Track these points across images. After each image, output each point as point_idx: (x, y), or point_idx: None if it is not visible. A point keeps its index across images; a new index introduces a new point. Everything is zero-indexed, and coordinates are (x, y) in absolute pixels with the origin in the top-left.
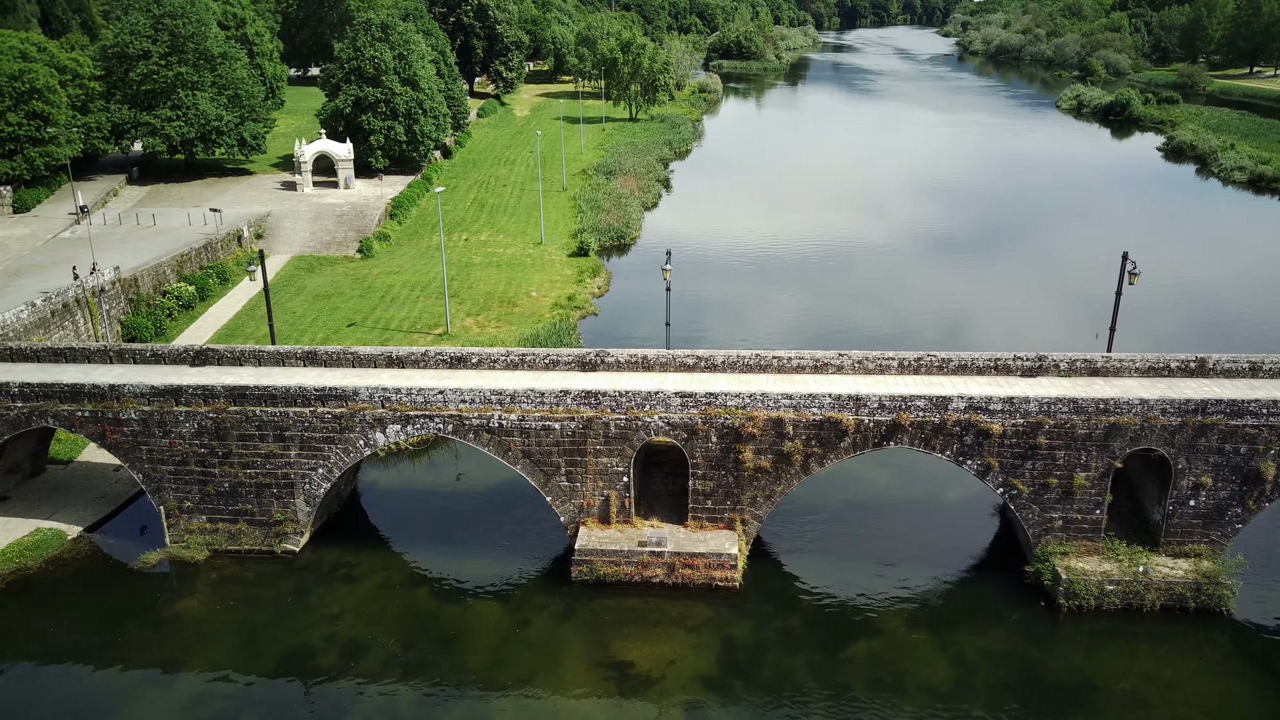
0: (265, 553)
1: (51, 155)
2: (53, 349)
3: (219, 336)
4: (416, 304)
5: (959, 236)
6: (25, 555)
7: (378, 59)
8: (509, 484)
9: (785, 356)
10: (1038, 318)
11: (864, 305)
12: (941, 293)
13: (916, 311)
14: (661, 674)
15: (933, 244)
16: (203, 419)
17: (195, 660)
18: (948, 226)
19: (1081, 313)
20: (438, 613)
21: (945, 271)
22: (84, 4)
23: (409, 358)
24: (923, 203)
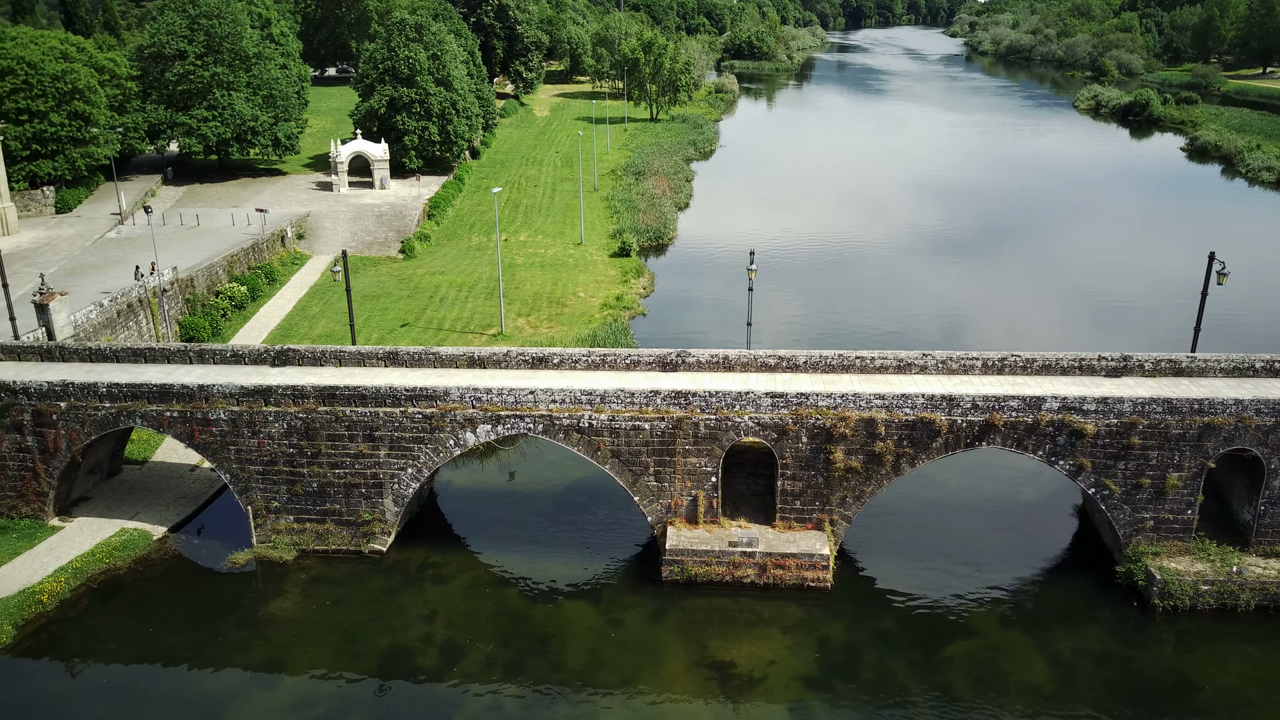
0: (352, 553)
1: (92, 155)
2: (132, 349)
3: (274, 336)
4: (466, 304)
5: (994, 238)
6: (114, 556)
7: (412, 59)
8: (581, 483)
9: (869, 356)
10: (1093, 318)
11: (906, 304)
12: (983, 293)
13: (960, 311)
14: (764, 674)
15: (969, 245)
16: (292, 419)
17: (296, 661)
18: (981, 228)
19: (1128, 313)
20: (530, 613)
21: (986, 272)
22: (107, 4)
23: (490, 358)
24: (954, 204)
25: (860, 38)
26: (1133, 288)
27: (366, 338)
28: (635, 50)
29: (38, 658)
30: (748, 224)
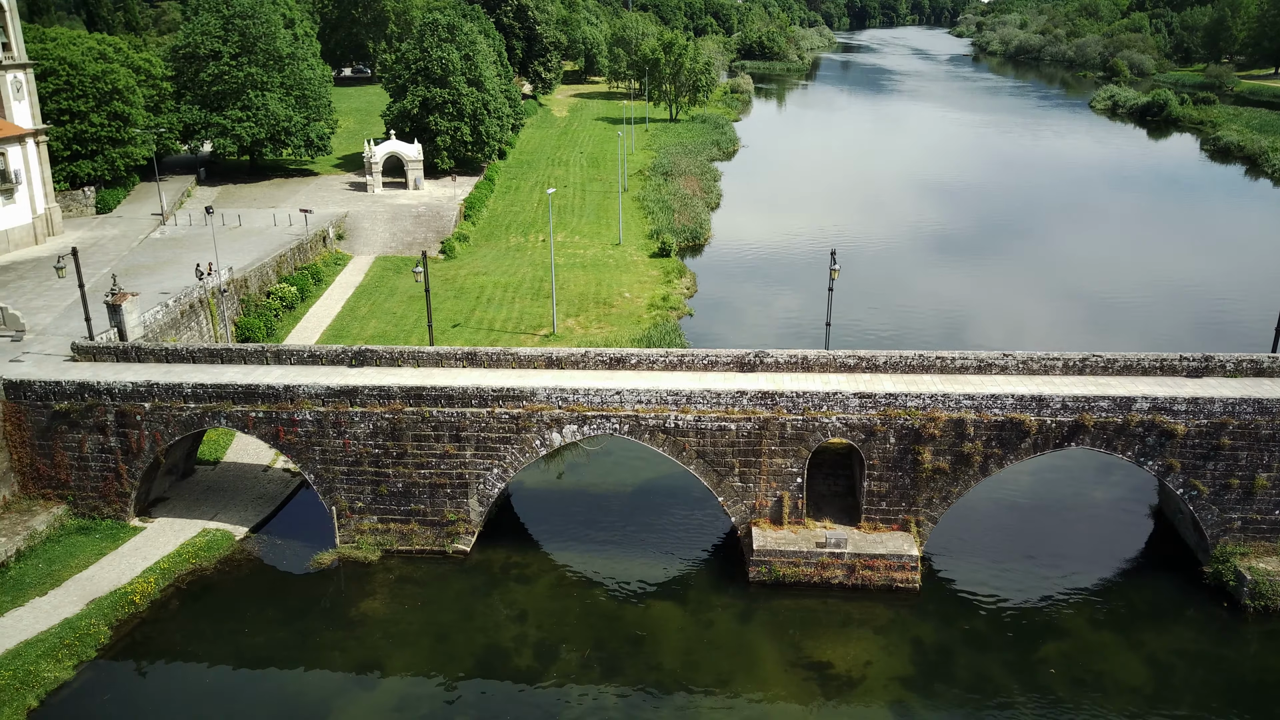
0: (436, 553)
1: (130, 156)
2: (209, 350)
3: (326, 337)
4: (514, 305)
5: (1027, 240)
6: (199, 556)
7: (445, 59)
8: (652, 483)
9: (949, 356)
10: (1140, 318)
11: (947, 302)
12: (1023, 292)
13: (1003, 311)
14: (862, 675)
15: (1003, 246)
16: (378, 419)
17: (392, 662)
18: (1014, 230)
19: (1188, 314)
20: (619, 613)
21: (1024, 272)
22: (127, 4)
23: (568, 358)
24: (984, 206)
25: (866, 38)
26: (1172, 289)
27: (420, 338)
28: (656, 50)
29: (137, 659)
30: (781, 224)
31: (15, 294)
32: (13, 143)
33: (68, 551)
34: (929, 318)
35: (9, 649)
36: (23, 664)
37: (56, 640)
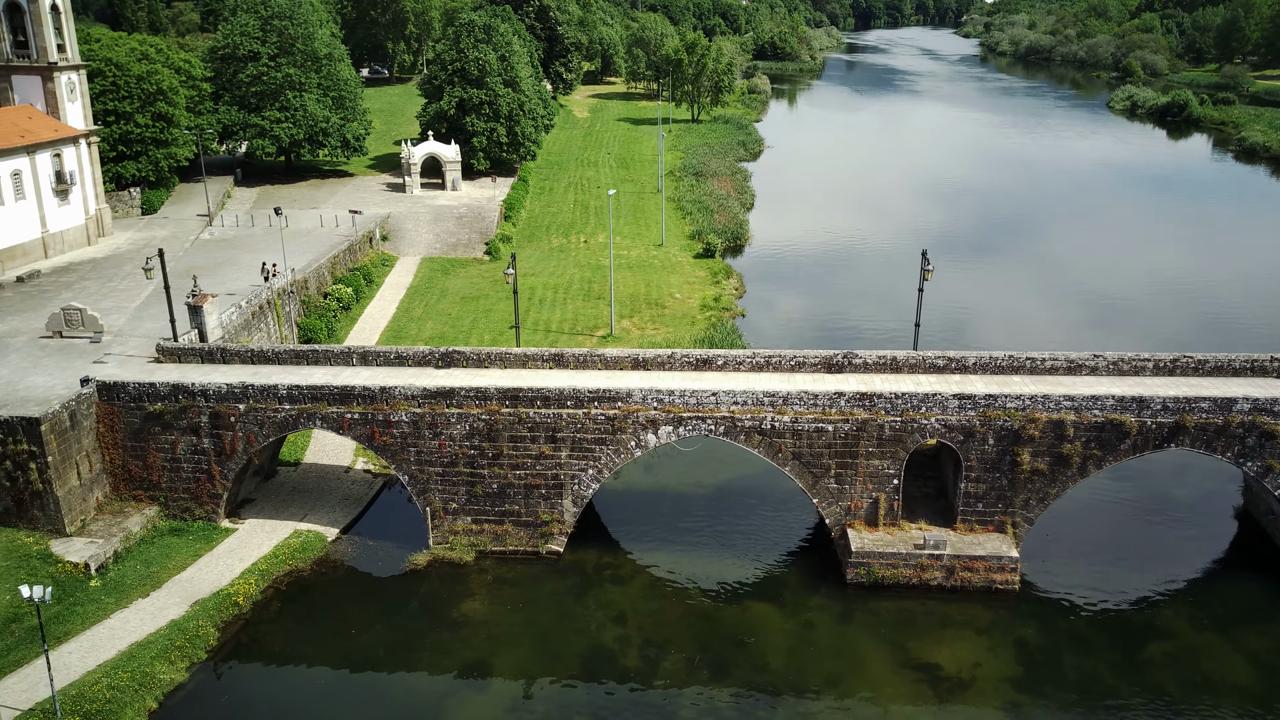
0: (530, 553)
1: (174, 156)
2: (295, 351)
3: (385, 338)
4: (566, 306)
5: (1064, 241)
6: (295, 557)
7: (482, 60)
8: (733, 484)
9: (1039, 357)
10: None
11: (988, 301)
12: (1063, 292)
13: (1042, 311)
14: (971, 676)
15: (1043, 248)
16: (474, 420)
17: (499, 663)
18: (1047, 232)
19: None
20: (717, 614)
21: (1069, 274)
22: (151, 5)
23: (655, 359)
24: (1014, 207)
25: (873, 38)
26: (1221, 290)
27: (479, 339)
28: (679, 51)
29: (245, 660)
30: (818, 224)
31: (80, 295)
32: (68, 144)
33: (163, 553)
34: (977, 317)
35: (121, 650)
36: (138, 665)
37: (167, 642)
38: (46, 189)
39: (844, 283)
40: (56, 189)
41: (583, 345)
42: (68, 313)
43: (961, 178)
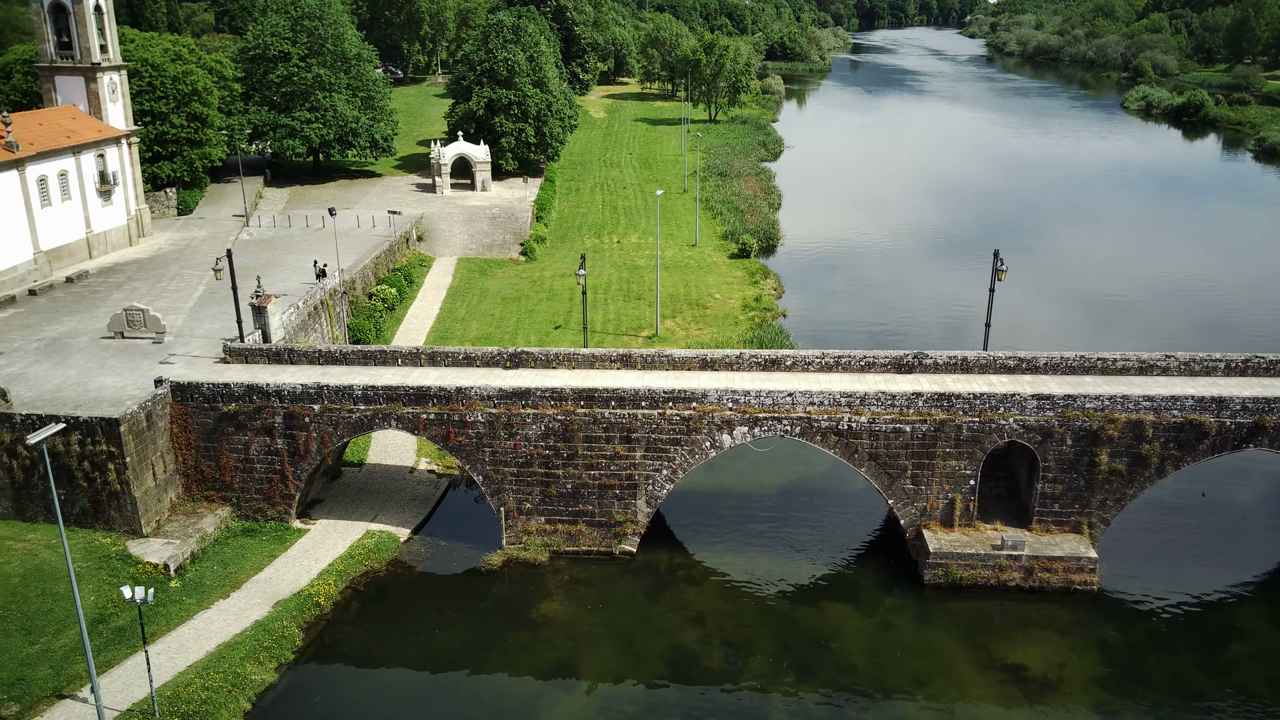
0: (603, 554)
1: (208, 157)
2: (363, 351)
3: (432, 338)
4: (608, 306)
5: (1104, 243)
6: (370, 558)
7: (511, 61)
8: (796, 483)
9: (1111, 358)
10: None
11: (1027, 300)
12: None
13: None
14: (1058, 676)
15: (1077, 248)
16: (549, 421)
17: (583, 664)
18: (1084, 233)
19: None
20: (794, 614)
21: (1107, 274)
22: (170, 5)
23: (722, 360)
24: (1039, 207)
25: (878, 38)
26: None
27: (525, 339)
28: (697, 51)
29: (331, 661)
30: (847, 223)
31: (132, 295)
32: (111, 144)
33: (238, 553)
34: (1024, 318)
35: (210, 651)
36: (229, 666)
37: (254, 643)
38: (91, 189)
39: (881, 282)
40: (100, 189)
41: (629, 345)
42: (129, 313)
43: (986, 179)
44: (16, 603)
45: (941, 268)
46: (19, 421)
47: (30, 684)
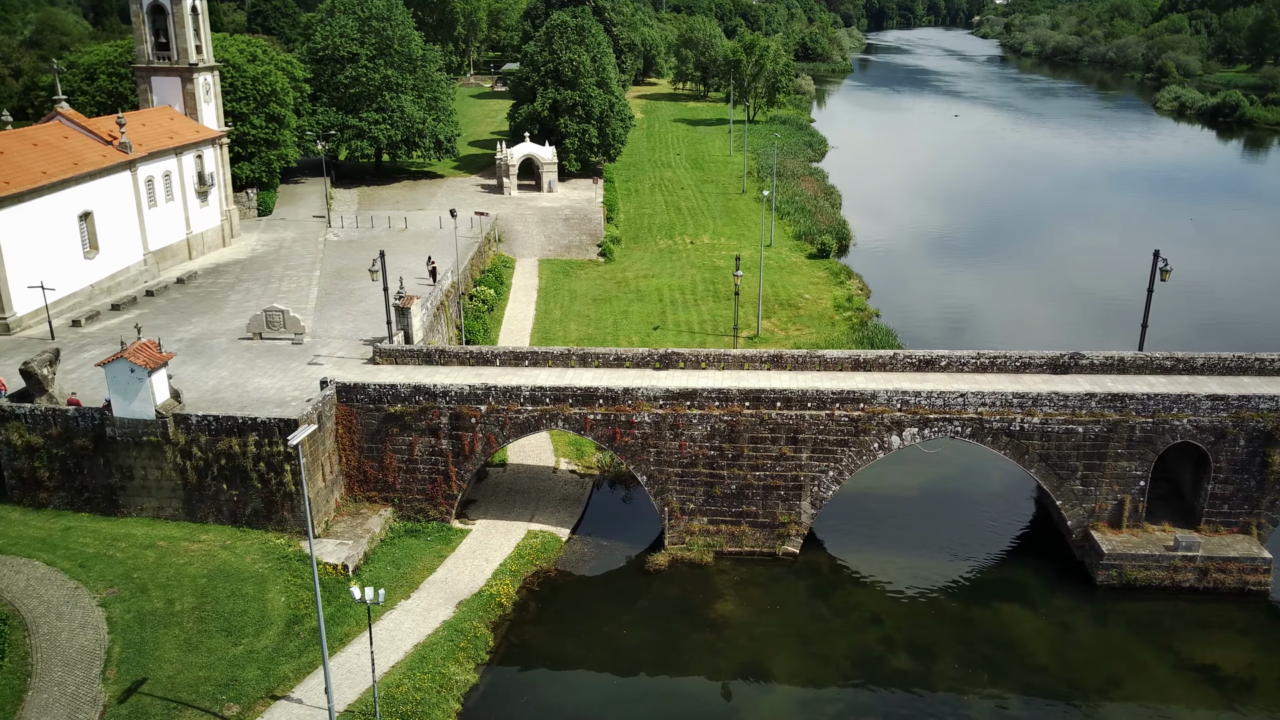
0: (765, 554)
1: (285, 158)
2: (514, 352)
3: (536, 339)
4: (699, 307)
5: (1181, 244)
6: (539, 558)
7: (576, 61)
8: (940, 483)
9: (1269, 358)
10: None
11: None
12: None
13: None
14: (1251, 676)
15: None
16: (716, 421)
17: (772, 664)
18: (1153, 235)
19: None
20: (968, 615)
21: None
22: (213, 5)
23: (875, 361)
24: (1095, 208)
25: (891, 38)
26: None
27: (626, 339)
28: (737, 51)
29: (520, 663)
30: (910, 222)
31: (249, 296)
32: (207, 145)
33: (406, 554)
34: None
35: (409, 652)
36: (432, 667)
37: (450, 644)
38: (190, 190)
39: (962, 281)
40: (198, 190)
41: (729, 345)
42: (269, 315)
43: (1043, 180)
44: (210, 604)
45: (1016, 265)
46: (195, 423)
47: (243, 685)
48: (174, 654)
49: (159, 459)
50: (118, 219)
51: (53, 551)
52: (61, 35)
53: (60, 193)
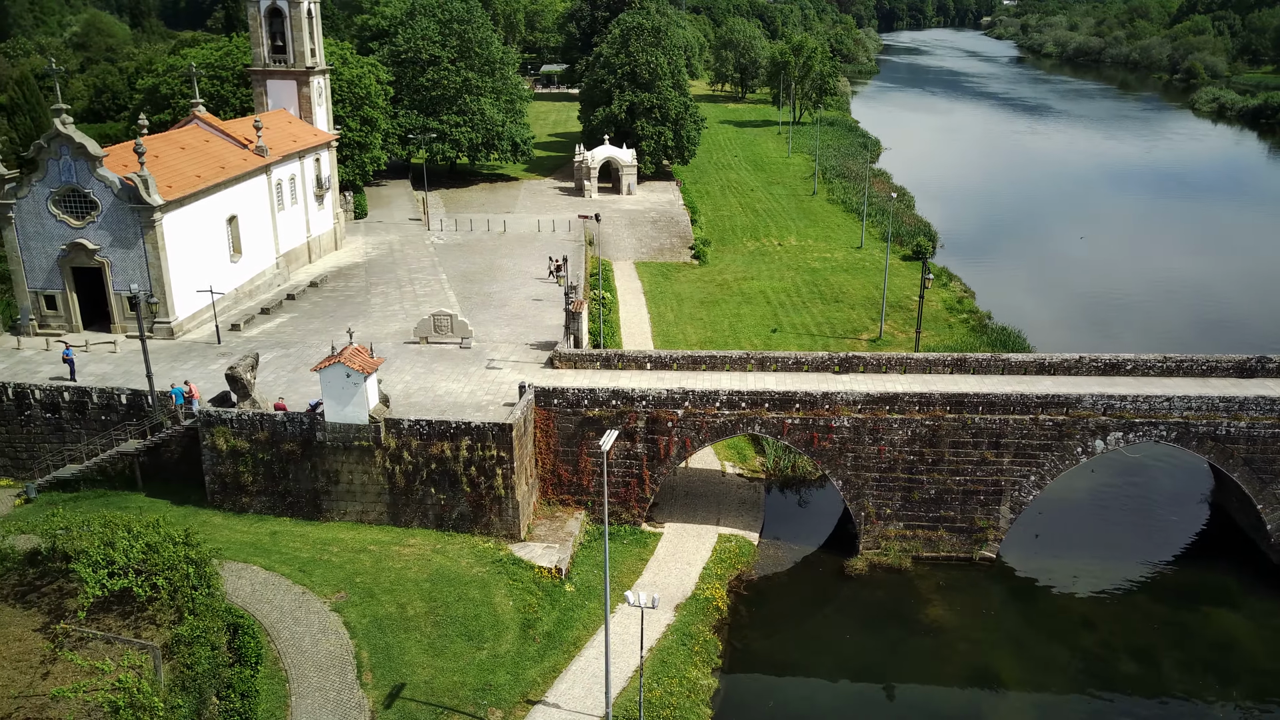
0: (962, 559)
1: (377, 160)
2: (691, 356)
3: (658, 341)
4: (810, 310)
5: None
6: (738, 561)
7: (653, 64)
8: (1110, 486)
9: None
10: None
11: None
12: None
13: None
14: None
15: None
16: (917, 426)
17: (999, 669)
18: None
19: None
20: (1178, 619)
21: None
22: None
23: (1060, 364)
24: (1168, 207)
25: (906, 39)
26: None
27: (748, 342)
28: (785, 53)
29: (748, 668)
30: (993, 224)
31: (387, 299)
32: (323, 149)
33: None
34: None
35: (643, 657)
36: (676, 672)
37: (683, 648)
38: (310, 194)
39: (1066, 281)
40: (316, 194)
41: (852, 348)
42: (436, 319)
43: (1104, 179)
44: (440, 608)
45: (1113, 265)
46: (407, 427)
47: (498, 690)
48: (421, 658)
49: (367, 463)
50: (256, 223)
51: (267, 556)
52: (107, 37)
53: (211, 196)
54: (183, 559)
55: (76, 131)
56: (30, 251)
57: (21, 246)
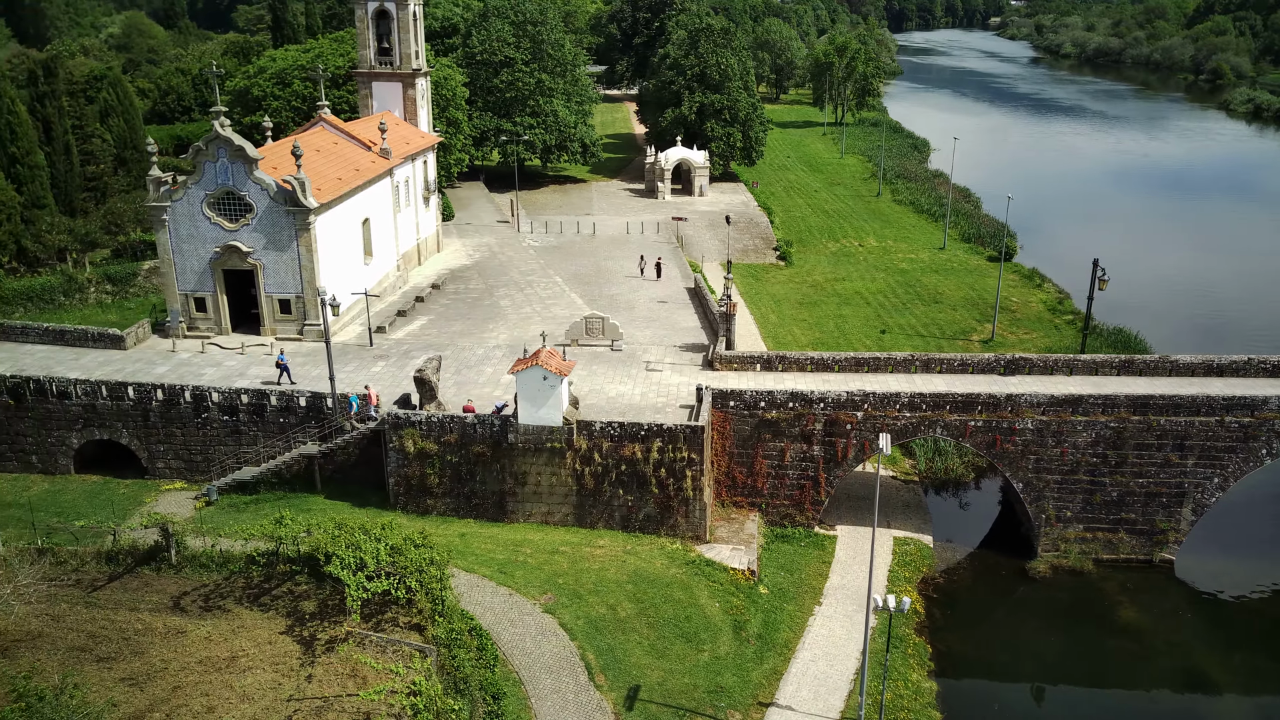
0: (1141, 561)
1: (461, 163)
2: (855, 358)
3: (770, 343)
4: (912, 311)
5: None
6: (922, 564)
7: (724, 65)
8: (1247, 484)
9: None
10: None
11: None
12: None
13: None
14: None
15: None
16: (1101, 428)
17: (1210, 671)
18: None
19: None
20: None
21: None
22: (309, 9)
23: (1230, 365)
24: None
25: (919, 40)
26: None
27: (860, 343)
28: (829, 53)
29: (958, 672)
30: (1068, 223)
31: (518, 303)
32: (429, 151)
33: (790, 559)
34: None
35: (857, 659)
36: (899, 676)
37: (897, 652)
38: (419, 196)
39: (1163, 279)
40: (424, 196)
41: (967, 349)
42: (589, 322)
43: (1169, 178)
44: (650, 610)
45: (1203, 264)
46: (599, 429)
47: (730, 692)
48: (646, 660)
49: (557, 465)
50: (382, 225)
51: (464, 558)
52: (149, 39)
53: (351, 199)
54: (427, 561)
55: (235, 134)
56: (183, 254)
57: (174, 249)
